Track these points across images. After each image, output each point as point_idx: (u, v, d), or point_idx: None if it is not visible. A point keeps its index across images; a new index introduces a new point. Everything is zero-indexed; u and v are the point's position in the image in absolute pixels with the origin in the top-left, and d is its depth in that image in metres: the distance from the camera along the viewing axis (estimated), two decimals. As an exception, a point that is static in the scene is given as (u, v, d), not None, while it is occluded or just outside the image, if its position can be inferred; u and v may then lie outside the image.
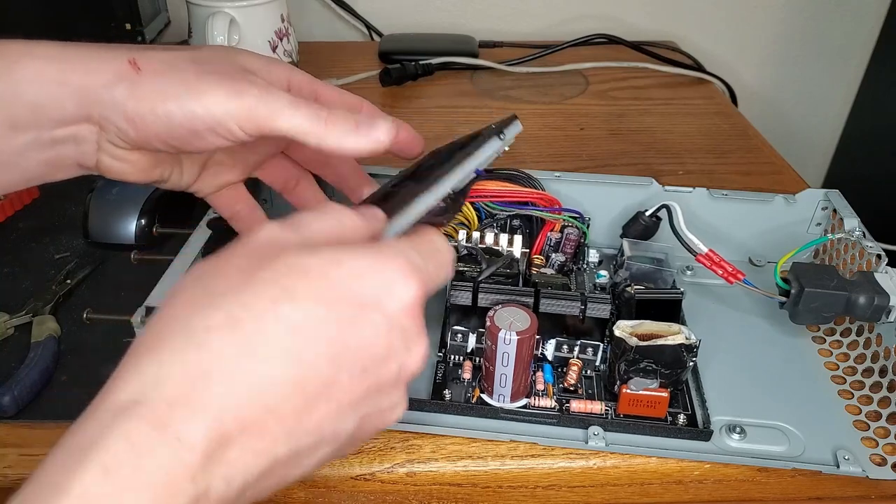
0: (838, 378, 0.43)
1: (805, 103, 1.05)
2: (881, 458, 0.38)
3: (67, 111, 0.32)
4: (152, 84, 0.31)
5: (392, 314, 0.25)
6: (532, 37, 0.94)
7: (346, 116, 0.33)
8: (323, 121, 0.32)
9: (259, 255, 0.25)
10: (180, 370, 0.22)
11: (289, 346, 0.23)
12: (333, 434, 0.24)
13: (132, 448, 0.20)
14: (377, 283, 0.25)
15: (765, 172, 0.65)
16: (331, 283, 0.24)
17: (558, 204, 0.44)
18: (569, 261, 0.44)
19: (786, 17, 0.98)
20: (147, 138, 0.32)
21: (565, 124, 0.74)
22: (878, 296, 0.39)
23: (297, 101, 0.32)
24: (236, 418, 0.22)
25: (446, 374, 0.41)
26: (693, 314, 0.45)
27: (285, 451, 0.23)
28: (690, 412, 0.39)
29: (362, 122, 0.33)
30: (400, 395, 0.26)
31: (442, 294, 0.41)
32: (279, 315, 0.23)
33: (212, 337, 0.22)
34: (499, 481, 0.38)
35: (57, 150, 0.33)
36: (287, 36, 0.74)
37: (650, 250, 0.44)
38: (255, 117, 0.31)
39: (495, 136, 0.35)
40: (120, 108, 0.31)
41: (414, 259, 0.26)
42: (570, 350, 0.40)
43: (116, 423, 0.21)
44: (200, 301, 0.23)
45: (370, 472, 0.37)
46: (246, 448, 0.22)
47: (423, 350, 0.26)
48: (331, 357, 0.23)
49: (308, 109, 0.32)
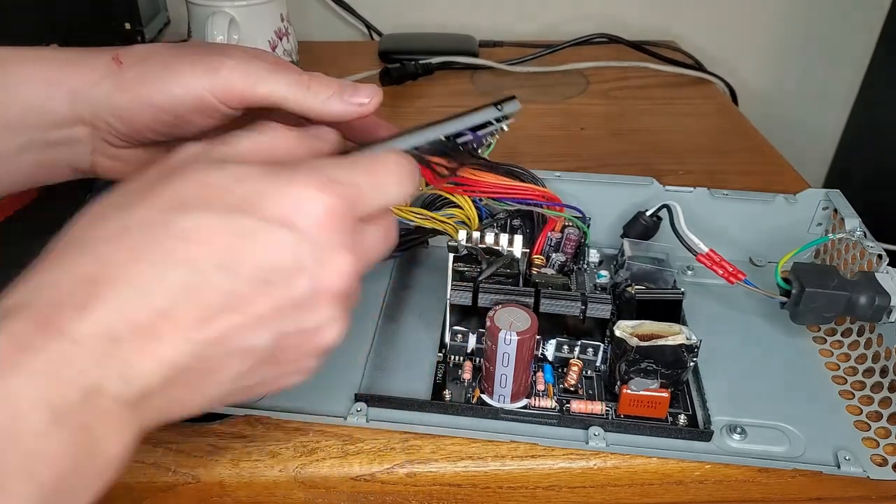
0: (839, 378, 0.43)
1: (806, 103, 1.05)
2: (882, 459, 0.37)
3: (60, 113, 0.32)
4: (133, 73, 0.32)
5: (302, 229, 0.24)
6: (532, 36, 0.94)
7: (329, 80, 0.33)
8: (305, 85, 0.32)
9: (169, 170, 0.25)
10: (68, 276, 0.22)
11: (179, 253, 0.23)
12: (245, 349, 0.24)
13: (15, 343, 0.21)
14: (284, 200, 0.24)
15: (765, 172, 0.65)
16: (231, 196, 0.24)
17: (559, 201, 0.43)
18: (569, 261, 0.44)
19: (786, 17, 0.98)
20: (137, 129, 0.32)
21: (565, 124, 0.74)
22: (879, 296, 0.39)
23: (277, 66, 0.32)
24: (125, 319, 0.22)
25: (446, 375, 0.41)
26: (693, 314, 0.45)
27: (187, 360, 0.23)
28: (691, 412, 0.39)
29: (346, 86, 0.33)
30: (327, 313, 0.26)
31: (442, 294, 0.41)
32: (170, 223, 0.23)
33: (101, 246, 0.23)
34: (499, 482, 0.38)
35: (51, 153, 0.33)
36: (287, 36, 0.74)
37: (651, 250, 0.44)
38: (234, 88, 0.31)
39: (492, 106, 0.36)
40: (107, 103, 0.31)
41: (335, 174, 0.25)
42: (571, 350, 0.40)
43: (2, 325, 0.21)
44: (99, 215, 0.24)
45: (370, 472, 0.37)
46: (139, 349, 0.22)
47: (342, 265, 0.25)
48: (227, 266, 0.23)
49: (288, 74, 0.32)
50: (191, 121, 0.32)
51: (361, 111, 0.33)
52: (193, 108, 0.31)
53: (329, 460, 0.37)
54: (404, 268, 0.51)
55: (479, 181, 0.40)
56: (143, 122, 0.32)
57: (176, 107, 0.31)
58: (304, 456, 0.37)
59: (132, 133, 0.32)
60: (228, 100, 0.31)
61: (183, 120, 0.32)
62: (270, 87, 0.31)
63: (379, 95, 0.34)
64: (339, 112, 0.33)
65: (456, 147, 0.36)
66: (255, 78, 0.31)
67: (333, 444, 0.38)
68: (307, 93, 0.32)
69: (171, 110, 0.31)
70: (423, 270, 0.51)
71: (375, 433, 0.38)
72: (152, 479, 0.37)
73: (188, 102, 0.31)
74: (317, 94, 0.32)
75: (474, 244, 0.41)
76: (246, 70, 0.31)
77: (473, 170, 0.40)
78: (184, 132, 0.33)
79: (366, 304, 0.47)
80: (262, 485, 0.37)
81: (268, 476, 0.37)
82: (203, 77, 0.31)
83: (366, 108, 0.33)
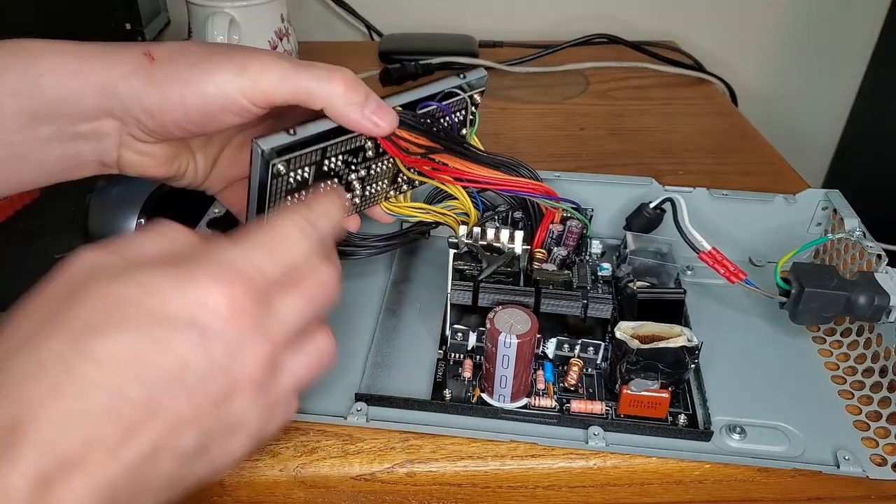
0: (838, 378, 0.43)
1: (805, 103, 1.05)
2: (881, 459, 0.38)
3: (88, 105, 0.32)
4: (164, 70, 0.32)
5: (209, 326, 0.24)
6: (532, 37, 0.94)
7: (358, 86, 0.33)
8: (326, 78, 0.33)
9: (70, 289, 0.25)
10: None
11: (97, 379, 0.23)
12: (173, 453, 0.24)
13: None
14: (187, 301, 0.24)
15: (765, 172, 0.65)
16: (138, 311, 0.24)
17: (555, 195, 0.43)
18: (571, 253, 0.43)
19: (786, 17, 0.98)
20: (165, 125, 0.32)
21: (565, 124, 0.74)
22: (879, 296, 0.39)
23: (300, 65, 0.33)
24: (52, 456, 0.21)
25: (447, 372, 0.41)
26: (693, 314, 0.45)
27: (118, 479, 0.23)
28: (691, 412, 0.39)
29: (371, 100, 0.33)
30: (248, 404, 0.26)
31: (443, 286, 0.41)
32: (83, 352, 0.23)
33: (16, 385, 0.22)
34: (499, 481, 0.38)
35: (78, 146, 0.33)
36: (287, 36, 0.74)
37: (654, 242, 0.44)
38: (261, 86, 0.32)
39: (454, 75, 0.38)
40: (137, 98, 0.32)
41: (234, 261, 0.25)
42: (571, 349, 0.40)
43: None
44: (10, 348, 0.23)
45: (370, 472, 0.37)
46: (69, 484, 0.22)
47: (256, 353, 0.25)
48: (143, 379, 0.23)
49: (312, 70, 0.33)
50: (219, 119, 0.33)
51: (372, 131, 0.34)
52: (223, 108, 0.32)
53: (329, 460, 0.37)
54: (405, 259, 0.51)
55: (470, 172, 0.40)
56: (172, 119, 0.32)
57: (206, 105, 0.32)
58: (304, 455, 0.37)
59: (160, 129, 0.33)
60: (257, 99, 0.32)
61: (211, 118, 0.32)
62: (297, 83, 0.32)
63: (395, 125, 0.35)
64: (354, 122, 0.33)
65: (421, 119, 0.37)
66: (282, 76, 0.32)
67: (333, 444, 0.38)
68: (335, 88, 0.33)
69: (202, 108, 0.32)
70: (424, 261, 0.51)
71: (375, 433, 0.39)
72: (153, 479, 0.37)
73: (219, 102, 0.32)
74: (342, 95, 0.33)
75: (475, 240, 0.41)
76: (272, 69, 0.32)
77: (460, 158, 0.40)
78: (210, 129, 0.33)
79: (367, 299, 0.47)
80: (263, 484, 0.37)
81: (268, 475, 0.37)
82: (234, 77, 0.31)
83: (379, 130, 0.34)
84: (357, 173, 0.38)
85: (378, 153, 0.38)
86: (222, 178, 0.40)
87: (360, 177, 0.38)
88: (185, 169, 0.37)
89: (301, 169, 0.35)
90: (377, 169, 0.39)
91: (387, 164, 0.39)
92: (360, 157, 0.37)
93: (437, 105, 0.38)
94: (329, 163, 0.36)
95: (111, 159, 0.34)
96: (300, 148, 0.34)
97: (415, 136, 0.37)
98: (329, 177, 0.37)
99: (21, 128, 0.32)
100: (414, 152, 0.37)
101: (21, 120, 0.32)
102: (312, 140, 0.34)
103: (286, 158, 0.33)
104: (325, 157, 0.35)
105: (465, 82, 0.39)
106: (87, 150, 0.34)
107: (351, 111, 0.33)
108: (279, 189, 0.35)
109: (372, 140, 0.37)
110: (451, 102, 0.39)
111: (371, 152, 0.37)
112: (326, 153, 0.35)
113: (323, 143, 0.35)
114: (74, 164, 0.34)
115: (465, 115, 0.40)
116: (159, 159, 0.35)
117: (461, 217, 0.43)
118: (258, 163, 0.33)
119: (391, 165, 0.39)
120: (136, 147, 0.34)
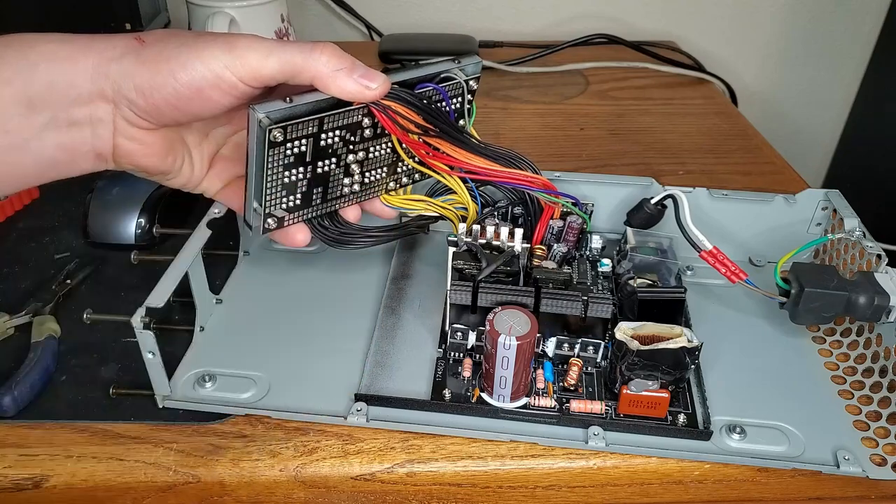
0: (838, 378, 0.43)
1: (805, 103, 1.05)
2: (881, 459, 0.38)
3: (81, 89, 0.33)
4: (155, 50, 0.33)
5: None
6: (532, 37, 0.94)
7: (341, 53, 0.34)
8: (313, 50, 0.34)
9: None
10: None
11: None
12: None
13: None
14: None
15: (765, 172, 0.65)
16: None
17: (554, 189, 0.43)
18: (572, 249, 0.43)
19: (786, 17, 0.98)
20: (157, 105, 0.33)
21: (565, 124, 0.74)
22: (879, 296, 0.39)
23: (285, 41, 0.34)
24: None
25: (446, 372, 0.41)
26: (693, 314, 0.45)
27: None
28: (691, 412, 0.39)
29: (358, 65, 0.35)
30: None
31: (442, 282, 0.41)
32: None
33: None
34: (499, 481, 0.38)
35: (73, 134, 0.34)
36: (287, 36, 0.74)
37: (654, 237, 0.44)
38: (247, 61, 0.33)
39: (449, 59, 0.39)
40: (129, 76, 0.33)
41: None
42: (571, 348, 0.40)
43: None
44: None
45: (370, 472, 0.37)
46: None
47: None
48: None
49: (296, 45, 0.34)
50: (210, 98, 0.33)
51: (367, 94, 0.35)
52: (213, 84, 0.33)
53: (329, 460, 0.37)
54: (404, 254, 0.51)
55: (468, 162, 0.40)
56: (163, 97, 0.33)
57: (196, 81, 0.33)
58: (304, 455, 0.37)
59: (152, 110, 0.34)
60: (244, 75, 0.33)
61: (203, 96, 0.33)
62: (281, 56, 0.33)
63: (387, 85, 0.36)
64: (348, 89, 0.34)
65: (418, 99, 0.38)
66: (268, 51, 0.33)
67: (334, 444, 0.38)
68: (319, 56, 0.33)
69: (191, 84, 0.33)
70: (423, 257, 0.51)
71: (375, 433, 0.39)
72: (152, 479, 0.37)
73: (208, 78, 0.33)
74: (327, 63, 0.34)
75: (474, 238, 0.41)
76: (258, 45, 0.33)
77: (458, 147, 0.40)
78: (204, 111, 0.34)
79: (366, 297, 0.47)
80: (263, 484, 0.37)
81: (268, 475, 0.37)
82: (221, 54, 0.33)
83: (372, 92, 0.35)
84: (356, 154, 0.38)
85: (376, 133, 0.38)
86: (220, 178, 0.40)
87: (358, 159, 0.38)
88: (181, 165, 0.37)
89: (299, 140, 0.35)
90: (376, 153, 0.39)
91: (386, 148, 0.39)
92: (358, 135, 0.37)
93: (434, 87, 0.38)
94: (327, 137, 0.36)
95: (107, 149, 0.35)
96: (298, 117, 0.34)
97: (411, 112, 0.37)
98: (328, 155, 0.37)
99: (17, 115, 0.32)
100: (410, 130, 0.37)
101: (17, 107, 0.32)
102: (309, 109, 0.35)
103: (283, 125, 0.34)
104: (322, 131, 0.36)
105: (460, 67, 0.39)
106: (83, 139, 0.34)
107: (339, 76, 0.34)
108: (277, 160, 0.35)
109: (369, 117, 0.37)
110: (447, 86, 0.39)
111: (369, 131, 0.38)
112: (323, 125, 0.36)
113: (320, 114, 0.35)
114: (71, 155, 0.35)
115: (461, 103, 0.40)
116: (154, 148, 0.36)
117: (461, 211, 0.43)
118: (255, 130, 0.33)
119: (390, 151, 0.39)
120: (129, 133, 0.35)
